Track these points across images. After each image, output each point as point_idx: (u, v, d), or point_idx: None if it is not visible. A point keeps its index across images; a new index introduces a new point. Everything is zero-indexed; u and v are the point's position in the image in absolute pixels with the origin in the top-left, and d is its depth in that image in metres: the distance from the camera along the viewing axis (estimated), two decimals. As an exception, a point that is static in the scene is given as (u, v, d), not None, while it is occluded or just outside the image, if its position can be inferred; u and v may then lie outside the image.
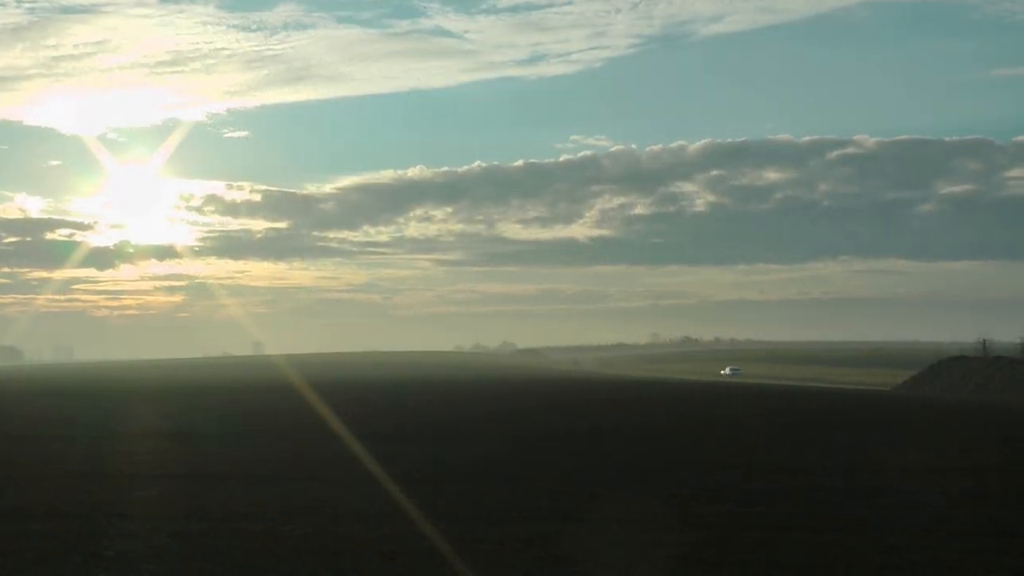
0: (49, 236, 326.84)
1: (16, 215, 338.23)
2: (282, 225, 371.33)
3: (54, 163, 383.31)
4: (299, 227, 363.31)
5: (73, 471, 21.09)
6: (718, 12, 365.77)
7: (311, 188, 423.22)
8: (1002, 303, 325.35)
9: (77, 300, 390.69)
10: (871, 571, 11.67)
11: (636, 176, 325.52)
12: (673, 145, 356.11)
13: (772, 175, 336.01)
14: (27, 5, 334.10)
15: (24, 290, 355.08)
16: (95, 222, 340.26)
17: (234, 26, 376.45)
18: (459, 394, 61.32)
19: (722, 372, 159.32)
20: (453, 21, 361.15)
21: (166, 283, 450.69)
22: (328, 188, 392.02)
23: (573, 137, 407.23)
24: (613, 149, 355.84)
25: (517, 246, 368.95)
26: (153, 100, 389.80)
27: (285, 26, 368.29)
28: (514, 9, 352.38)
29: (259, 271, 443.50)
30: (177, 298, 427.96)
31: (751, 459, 23.25)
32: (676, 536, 13.69)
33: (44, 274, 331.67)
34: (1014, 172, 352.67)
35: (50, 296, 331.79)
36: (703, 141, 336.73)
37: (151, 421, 36.55)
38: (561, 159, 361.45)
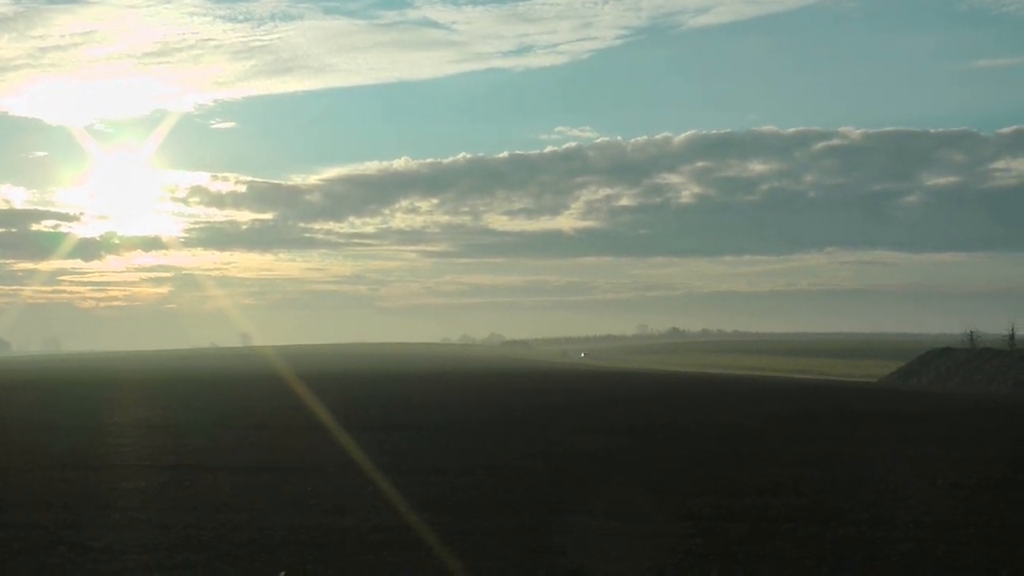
0: (35, 227, 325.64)
1: (1, 206, 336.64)
2: (268, 216, 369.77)
3: (40, 154, 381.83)
4: (285, 218, 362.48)
5: (59, 462, 21.01)
6: (705, 4, 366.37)
7: (296, 179, 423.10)
8: (988, 295, 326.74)
9: (64, 292, 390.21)
10: (858, 562, 11.70)
11: (622, 168, 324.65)
12: (658, 137, 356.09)
13: (758, 167, 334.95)
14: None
15: (10, 281, 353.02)
16: (81, 213, 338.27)
17: (221, 17, 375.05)
18: (448, 386, 61.33)
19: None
20: (440, 12, 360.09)
21: (153, 274, 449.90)
22: (314, 179, 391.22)
23: (558, 128, 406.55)
24: (598, 140, 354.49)
25: (503, 237, 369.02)
26: (140, 91, 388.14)
27: (272, 17, 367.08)
28: (501, 0, 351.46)
29: (245, 262, 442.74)
30: (164, 289, 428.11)
31: (738, 451, 23.30)
32: (664, 527, 13.71)
33: (30, 265, 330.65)
34: (999, 164, 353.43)
35: (36, 288, 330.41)
36: (688, 132, 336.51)
37: (138, 412, 36.46)
38: (546, 150, 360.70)
